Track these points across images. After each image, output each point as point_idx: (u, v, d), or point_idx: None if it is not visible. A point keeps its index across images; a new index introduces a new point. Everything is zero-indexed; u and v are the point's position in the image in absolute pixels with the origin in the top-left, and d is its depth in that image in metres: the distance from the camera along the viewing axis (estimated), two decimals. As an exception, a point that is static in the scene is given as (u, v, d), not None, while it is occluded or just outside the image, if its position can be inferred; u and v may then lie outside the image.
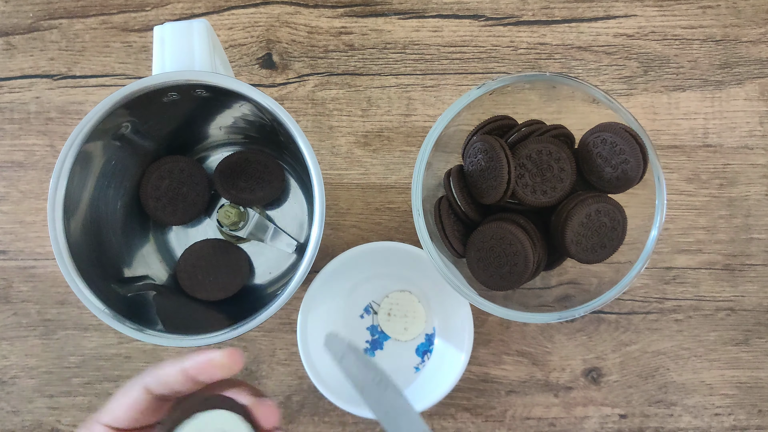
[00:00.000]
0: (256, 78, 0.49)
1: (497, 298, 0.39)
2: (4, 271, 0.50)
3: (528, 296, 0.44)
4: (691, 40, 0.49)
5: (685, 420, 0.49)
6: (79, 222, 0.37)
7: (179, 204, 0.44)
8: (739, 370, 0.49)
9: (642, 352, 0.49)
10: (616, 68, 0.49)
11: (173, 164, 0.44)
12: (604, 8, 0.49)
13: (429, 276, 0.47)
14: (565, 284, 0.44)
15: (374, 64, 0.49)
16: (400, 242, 0.45)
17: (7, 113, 0.50)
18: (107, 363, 0.49)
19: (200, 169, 0.45)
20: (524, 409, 0.49)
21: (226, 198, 0.45)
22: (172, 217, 0.44)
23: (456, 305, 0.46)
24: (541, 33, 0.49)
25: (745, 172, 0.49)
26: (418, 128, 0.49)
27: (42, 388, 0.50)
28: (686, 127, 0.49)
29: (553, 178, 0.39)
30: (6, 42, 0.50)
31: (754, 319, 0.49)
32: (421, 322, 0.48)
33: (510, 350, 0.49)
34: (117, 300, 0.37)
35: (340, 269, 0.45)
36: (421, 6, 0.49)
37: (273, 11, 0.49)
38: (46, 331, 0.49)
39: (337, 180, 0.49)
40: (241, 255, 0.46)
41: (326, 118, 0.49)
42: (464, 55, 0.49)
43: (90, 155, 0.37)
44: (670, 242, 0.49)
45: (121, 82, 0.50)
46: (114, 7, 0.50)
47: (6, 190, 0.50)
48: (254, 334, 0.49)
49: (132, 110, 0.37)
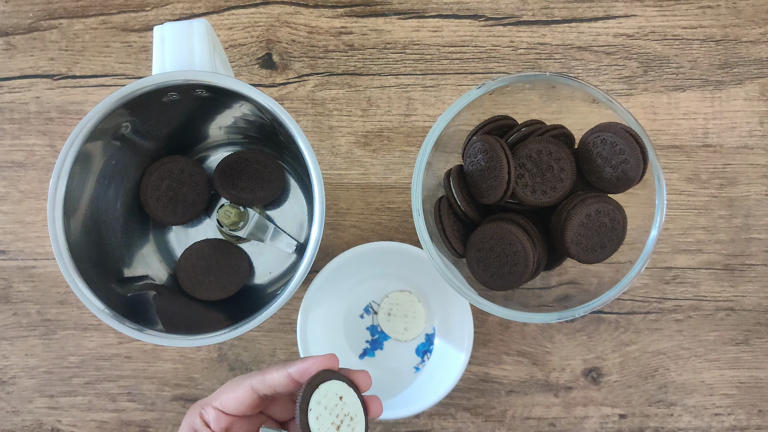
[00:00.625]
0: (256, 78, 0.49)
1: (497, 298, 0.39)
2: (4, 271, 0.50)
3: (528, 296, 0.44)
4: (691, 40, 0.49)
5: (685, 420, 0.49)
6: (79, 222, 0.37)
7: (179, 204, 0.44)
8: (739, 370, 0.49)
9: (642, 352, 0.49)
10: (616, 68, 0.49)
11: (173, 164, 0.44)
12: (604, 8, 0.49)
13: (429, 276, 0.47)
14: (565, 284, 0.44)
15: (374, 64, 0.49)
16: (400, 242, 0.45)
17: (7, 113, 0.50)
18: (107, 363, 0.49)
19: (200, 169, 0.45)
20: (524, 409, 0.49)
21: (226, 198, 0.45)
22: (172, 217, 0.44)
23: (456, 305, 0.46)
24: (541, 33, 0.49)
25: (745, 172, 0.49)
26: (418, 128, 0.49)
27: (42, 387, 0.50)
28: (686, 127, 0.49)
29: (553, 178, 0.39)
30: (6, 42, 0.50)
31: (754, 319, 0.49)
32: (421, 322, 0.48)
33: (510, 350, 0.49)
34: (117, 300, 0.37)
35: (340, 269, 0.45)
36: (421, 6, 0.49)
37: (273, 11, 0.49)
38: (46, 331, 0.49)
39: (337, 180, 0.49)
40: (241, 255, 0.46)
41: (326, 118, 0.49)
42: (464, 55, 0.49)
43: (90, 155, 0.37)
44: (670, 242, 0.49)
45: (121, 82, 0.50)
46: (114, 7, 0.50)
47: (6, 190, 0.50)
48: (254, 334, 0.49)
49: (132, 110, 0.37)
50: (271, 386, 0.32)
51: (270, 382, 0.32)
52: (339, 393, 0.31)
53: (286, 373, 0.31)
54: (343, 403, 0.30)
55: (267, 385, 0.32)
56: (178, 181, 0.44)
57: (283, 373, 0.31)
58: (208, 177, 0.45)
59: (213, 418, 0.32)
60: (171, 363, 0.49)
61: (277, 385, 0.32)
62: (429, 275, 0.46)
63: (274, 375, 0.32)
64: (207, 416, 0.32)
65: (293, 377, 0.31)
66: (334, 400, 0.30)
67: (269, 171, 0.45)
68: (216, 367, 0.49)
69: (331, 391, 0.30)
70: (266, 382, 0.32)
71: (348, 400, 0.31)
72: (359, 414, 0.31)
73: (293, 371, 0.31)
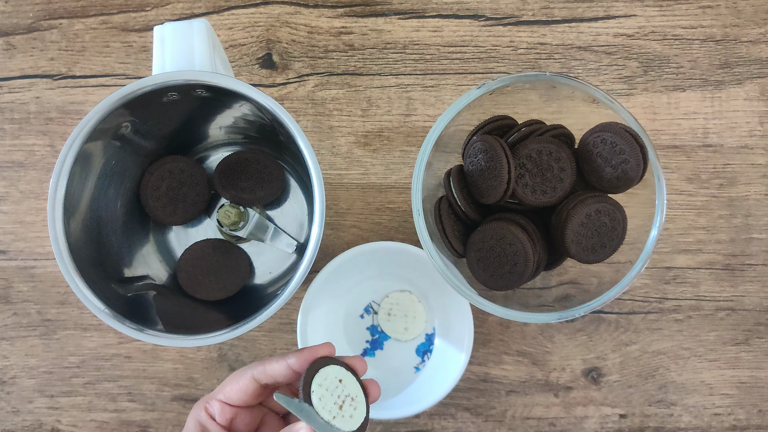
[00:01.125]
0: (256, 78, 0.49)
1: (497, 298, 0.39)
2: (4, 271, 0.50)
3: (528, 296, 0.44)
4: (691, 40, 0.49)
5: (685, 420, 0.49)
6: (79, 222, 0.37)
7: (179, 204, 0.44)
8: (739, 369, 0.49)
9: (642, 352, 0.49)
10: (616, 68, 0.49)
11: (173, 164, 0.44)
12: (604, 8, 0.49)
13: (429, 276, 0.47)
14: (566, 284, 0.44)
15: (374, 64, 0.49)
16: (400, 242, 0.45)
17: (7, 113, 0.50)
18: (107, 363, 0.49)
19: (200, 169, 0.45)
20: (524, 409, 0.49)
21: (226, 198, 0.45)
22: (172, 217, 0.44)
23: (456, 305, 0.46)
24: (541, 33, 0.49)
25: (745, 172, 0.49)
26: (418, 128, 0.49)
27: (42, 387, 0.50)
28: (686, 127, 0.49)
29: (553, 178, 0.39)
30: (6, 42, 0.50)
31: (754, 319, 0.49)
32: (422, 322, 0.48)
33: (510, 350, 0.49)
34: (117, 300, 0.37)
35: (340, 269, 0.45)
36: (421, 6, 0.49)
37: (273, 11, 0.49)
38: (46, 331, 0.49)
39: (337, 180, 0.49)
40: (241, 255, 0.46)
41: (326, 118, 0.49)
42: (464, 55, 0.49)
43: (90, 155, 0.37)
44: (670, 242, 0.49)
45: (121, 82, 0.50)
46: (114, 7, 0.50)
47: (6, 190, 0.50)
48: (254, 333, 0.49)
49: (132, 110, 0.37)
50: (271, 376, 0.33)
51: (270, 372, 0.33)
52: (338, 376, 0.32)
53: (285, 363, 0.33)
54: (343, 385, 0.32)
55: (267, 375, 0.33)
56: (178, 181, 0.44)
57: (282, 364, 0.33)
58: (208, 177, 0.45)
59: (218, 410, 0.34)
60: (171, 363, 0.49)
61: (277, 374, 0.33)
62: (429, 275, 0.47)
63: (274, 365, 0.33)
64: (212, 410, 0.34)
65: (292, 367, 0.33)
66: (334, 382, 0.32)
67: (269, 171, 0.45)
68: (216, 367, 0.49)
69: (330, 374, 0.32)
70: (267, 372, 0.33)
71: (347, 382, 0.32)
72: (359, 395, 0.33)
73: (292, 361, 0.33)
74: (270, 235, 0.45)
